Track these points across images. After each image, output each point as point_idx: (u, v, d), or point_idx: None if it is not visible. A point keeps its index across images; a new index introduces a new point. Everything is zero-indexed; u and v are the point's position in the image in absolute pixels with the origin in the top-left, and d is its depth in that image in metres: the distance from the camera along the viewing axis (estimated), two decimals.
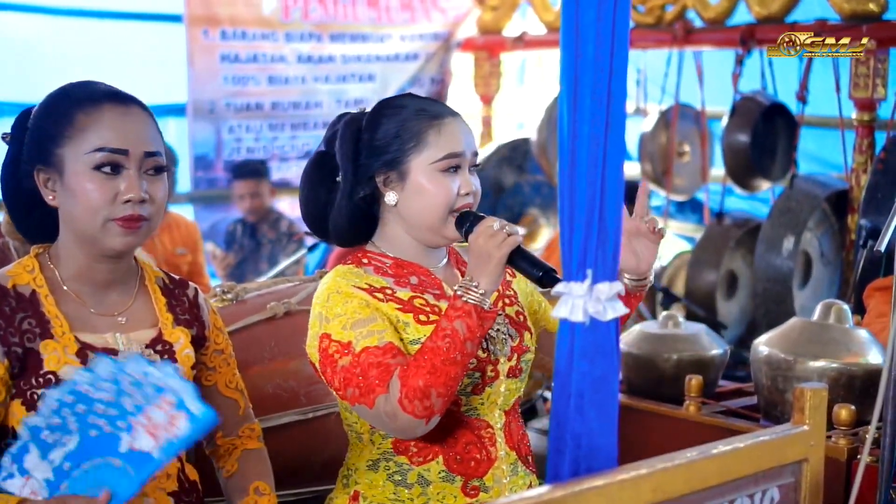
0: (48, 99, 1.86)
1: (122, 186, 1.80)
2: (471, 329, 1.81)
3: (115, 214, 1.80)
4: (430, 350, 1.80)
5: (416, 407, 1.79)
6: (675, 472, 1.58)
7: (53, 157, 1.81)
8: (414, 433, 1.86)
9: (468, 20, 6.50)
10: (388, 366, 1.83)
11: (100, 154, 1.79)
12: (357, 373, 1.84)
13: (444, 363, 1.79)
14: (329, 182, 2.03)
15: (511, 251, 1.85)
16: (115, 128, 1.81)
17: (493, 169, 6.13)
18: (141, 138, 1.83)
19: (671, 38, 5.24)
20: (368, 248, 2.04)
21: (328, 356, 1.89)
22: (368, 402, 1.83)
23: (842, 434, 2.75)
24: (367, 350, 1.85)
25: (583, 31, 1.54)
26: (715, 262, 5.10)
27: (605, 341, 1.59)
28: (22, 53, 5.16)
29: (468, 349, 1.81)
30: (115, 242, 1.82)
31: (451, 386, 1.81)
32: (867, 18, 4.46)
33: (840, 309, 3.02)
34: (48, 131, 1.82)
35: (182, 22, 5.58)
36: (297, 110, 6.02)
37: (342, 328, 1.88)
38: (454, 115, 2.01)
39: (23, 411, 1.78)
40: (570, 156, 1.56)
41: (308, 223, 2.09)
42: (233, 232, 5.47)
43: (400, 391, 1.79)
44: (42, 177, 1.84)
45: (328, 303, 1.91)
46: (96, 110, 1.81)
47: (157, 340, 1.90)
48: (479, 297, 1.82)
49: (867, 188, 4.39)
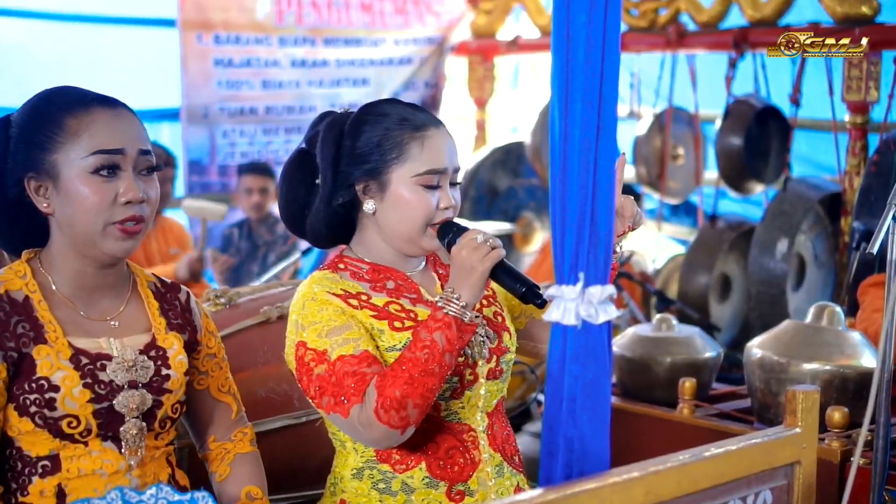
0: (31, 106, 1.85)
1: (120, 188, 1.80)
2: (450, 341, 1.81)
3: (115, 217, 1.80)
4: (409, 361, 1.80)
5: (391, 417, 1.78)
6: (667, 474, 1.59)
7: (45, 164, 1.80)
8: (388, 444, 1.86)
9: (462, 24, 6.51)
10: (364, 375, 1.82)
11: (96, 157, 1.79)
12: (332, 381, 1.84)
13: (422, 374, 1.79)
14: (309, 183, 2.01)
15: (494, 265, 1.84)
16: (107, 130, 1.80)
17: (488, 172, 6.13)
18: (134, 137, 1.83)
19: (664, 41, 5.24)
20: (345, 254, 2.03)
21: (304, 364, 1.88)
22: (343, 412, 1.83)
23: (835, 436, 2.75)
24: (342, 358, 1.84)
25: (573, 35, 1.54)
26: (708, 265, 5.11)
27: (597, 345, 1.59)
28: (15, 58, 5.15)
29: (447, 361, 1.81)
30: (114, 248, 1.82)
31: (427, 397, 1.80)
32: (860, 21, 4.47)
33: (833, 311, 3.03)
34: (37, 138, 1.80)
35: (176, 27, 5.57)
36: (292, 114, 6.02)
37: (318, 336, 1.87)
38: (438, 125, 1.99)
39: (15, 417, 1.78)
40: (561, 159, 1.57)
41: (286, 222, 2.07)
42: (229, 236, 5.45)
43: (376, 401, 1.79)
44: (34, 185, 1.82)
45: (304, 310, 1.91)
46: (87, 114, 1.81)
47: (150, 346, 1.89)
48: (460, 310, 1.82)
49: (860, 191, 4.40)
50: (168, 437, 1.94)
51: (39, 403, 1.77)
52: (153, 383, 1.87)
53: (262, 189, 5.37)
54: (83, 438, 1.81)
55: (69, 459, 1.81)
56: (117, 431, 1.83)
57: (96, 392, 1.80)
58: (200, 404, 2.04)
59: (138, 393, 1.85)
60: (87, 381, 1.80)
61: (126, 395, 1.83)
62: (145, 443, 1.87)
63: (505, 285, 1.88)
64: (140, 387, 1.85)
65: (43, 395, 1.77)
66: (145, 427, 1.86)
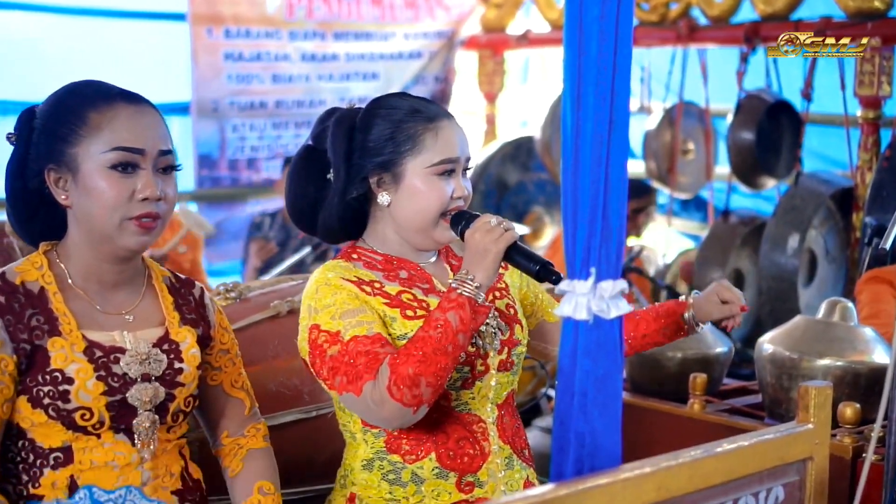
0: (56, 98, 1.86)
1: (138, 185, 1.81)
2: (464, 321, 1.81)
3: (131, 213, 1.81)
4: (422, 339, 1.81)
5: (404, 394, 1.79)
6: (679, 470, 1.58)
7: (66, 157, 1.81)
8: (401, 422, 1.86)
9: (472, 18, 6.50)
10: (377, 354, 1.84)
11: (116, 153, 1.79)
12: (345, 361, 1.85)
13: (435, 352, 1.79)
14: (318, 179, 2.03)
15: (508, 246, 1.86)
16: (130, 127, 1.81)
17: (497, 167, 6.12)
18: (155, 137, 1.84)
19: (675, 35, 5.23)
20: (358, 245, 2.04)
21: (317, 346, 1.89)
22: (356, 390, 1.83)
23: (847, 432, 2.74)
24: (355, 339, 1.85)
25: (586, 28, 1.54)
26: (721, 261, 5.10)
27: (609, 339, 1.59)
28: (25, 52, 5.16)
29: (460, 341, 1.82)
30: (130, 242, 1.82)
31: (440, 376, 1.81)
32: (872, 16, 4.45)
33: (845, 307, 3.01)
34: (59, 130, 1.81)
35: (186, 20, 5.57)
36: (301, 108, 6.01)
37: (331, 318, 1.89)
38: (449, 117, 2.01)
39: (28, 409, 1.79)
40: (573, 154, 1.56)
41: (294, 218, 2.09)
42: (259, 224, 5.41)
43: (389, 378, 1.80)
44: (53, 176, 1.83)
45: (317, 294, 1.92)
46: (110, 109, 1.81)
47: (163, 339, 1.90)
48: (475, 291, 1.83)
49: (872, 186, 4.38)
50: (180, 430, 1.95)
51: (53, 395, 1.78)
52: (166, 376, 1.88)
53: None
54: (96, 431, 1.81)
55: (82, 451, 1.82)
56: (130, 424, 1.84)
57: (110, 385, 1.81)
58: (214, 400, 2.04)
59: (151, 386, 1.85)
60: (101, 373, 1.80)
61: (139, 387, 1.84)
62: (158, 436, 1.88)
63: (520, 265, 1.89)
64: (153, 380, 1.86)
65: (57, 387, 1.78)
66: (158, 420, 1.87)
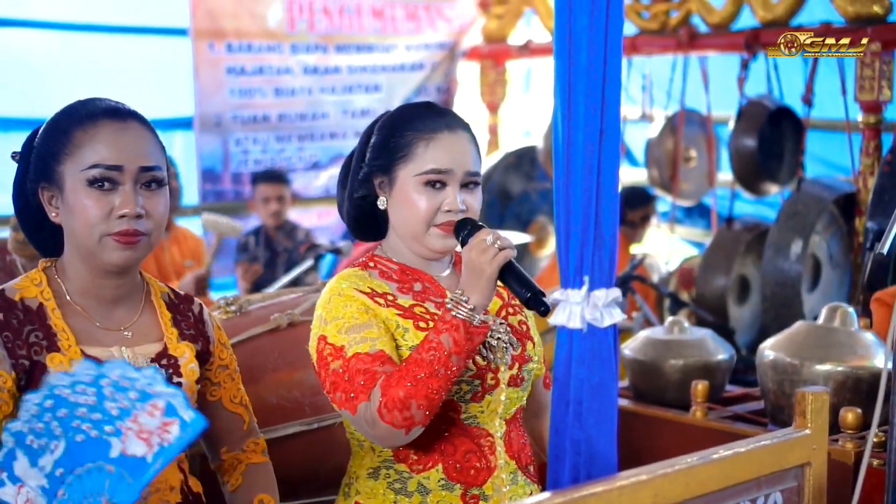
0: (53, 118, 1.90)
1: (116, 202, 1.82)
2: (458, 343, 1.80)
3: (111, 230, 1.82)
4: (414, 361, 1.81)
5: (394, 417, 1.79)
6: (675, 477, 1.58)
7: (55, 175, 1.84)
8: (394, 443, 1.87)
9: (473, 29, 6.51)
10: (375, 373, 1.84)
11: (94, 170, 1.81)
12: (345, 378, 1.86)
13: (427, 376, 1.79)
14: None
15: (503, 266, 1.83)
16: (109, 144, 1.83)
17: (500, 177, 6.13)
18: (137, 153, 1.84)
19: (676, 43, 5.23)
20: (376, 253, 2.06)
21: (322, 358, 1.91)
22: (351, 408, 1.85)
23: (848, 437, 2.74)
24: (357, 356, 1.86)
25: (575, 38, 1.55)
26: (725, 268, 5.09)
27: (603, 347, 1.60)
28: (29, 69, 5.18)
29: (453, 363, 1.81)
30: (112, 257, 1.83)
31: (432, 399, 1.80)
32: (871, 21, 4.45)
33: (845, 312, 3.01)
34: (50, 149, 1.85)
35: (188, 35, 5.59)
36: (304, 121, 6.03)
37: (338, 332, 1.90)
38: (453, 129, 1.98)
39: None
40: (565, 163, 1.57)
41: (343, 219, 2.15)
42: (245, 244, 5.45)
43: (380, 400, 1.80)
44: (46, 194, 1.87)
45: (329, 305, 1.94)
46: (93, 127, 1.84)
47: (162, 354, 1.91)
48: (468, 313, 1.81)
49: (874, 190, 4.38)
50: None
51: None
52: None
53: (278, 197, 5.39)
54: None
55: None
56: None
57: None
58: (212, 415, 2.04)
59: None
60: None
61: None
62: None
63: (512, 288, 1.87)
64: None
65: None
66: None
